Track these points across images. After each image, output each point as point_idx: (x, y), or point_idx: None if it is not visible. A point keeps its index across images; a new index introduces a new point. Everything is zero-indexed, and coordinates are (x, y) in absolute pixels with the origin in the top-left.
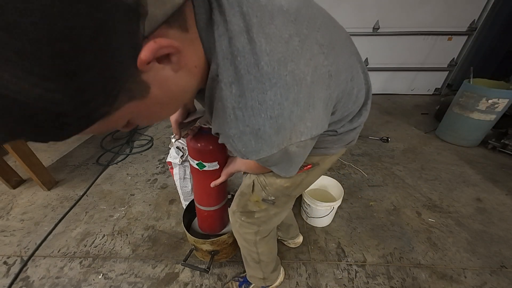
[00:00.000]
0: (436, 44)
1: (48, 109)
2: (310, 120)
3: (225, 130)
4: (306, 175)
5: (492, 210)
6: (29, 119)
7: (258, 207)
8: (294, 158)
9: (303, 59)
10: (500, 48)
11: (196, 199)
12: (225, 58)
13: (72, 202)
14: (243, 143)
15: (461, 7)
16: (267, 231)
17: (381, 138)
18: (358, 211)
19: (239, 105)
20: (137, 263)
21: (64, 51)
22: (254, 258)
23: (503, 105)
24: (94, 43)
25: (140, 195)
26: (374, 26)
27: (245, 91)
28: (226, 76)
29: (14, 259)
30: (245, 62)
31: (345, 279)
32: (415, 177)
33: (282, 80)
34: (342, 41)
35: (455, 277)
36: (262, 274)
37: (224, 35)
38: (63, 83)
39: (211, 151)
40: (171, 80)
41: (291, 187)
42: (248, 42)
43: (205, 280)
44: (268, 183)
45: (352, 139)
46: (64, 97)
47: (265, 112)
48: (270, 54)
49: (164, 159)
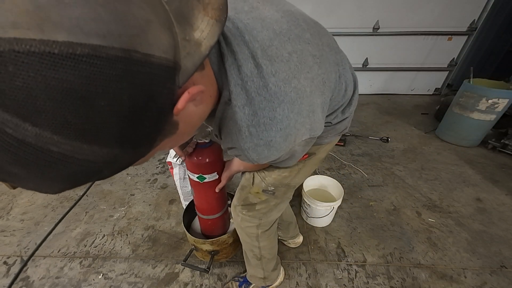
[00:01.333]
0: (436, 44)
1: (109, 166)
2: (310, 124)
3: (241, 145)
4: (303, 165)
5: (492, 210)
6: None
7: (258, 198)
8: (295, 154)
9: (303, 73)
10: (500, 48)
11: (199, 210)
12: (236, 85)
13: (72, 202)
14: (257, 153)
15: (461, 7)
16: (268, 224)
17: (381, 138)
18: (358, 211)
19: (252, 122)
20: (137, 263)
21: (128, 123)
22: (255, 254)
23: (503, 105)
24: (147, 113)
25: (140, 195)
26: (374, 26)
27: (257, 111)
28: (239, 100)
29: (14, 259)
30: (255, 85)
31: (345, 279)
32: (415, 177)
33: (288, 97)
34: (326, 43)
35: (455, 277)
36: (263, 273)
37: (234, 64)
38: (123, 147)
39: (210, 163)
40: (194, 114)
41: (290, 177)
42: (255, 67)
43: (205, 280)
44: (267, 174)
45: (345, 127)
46: (120, 156)
47: (275, 126)
48: (276, 75)
49: (164, 159)
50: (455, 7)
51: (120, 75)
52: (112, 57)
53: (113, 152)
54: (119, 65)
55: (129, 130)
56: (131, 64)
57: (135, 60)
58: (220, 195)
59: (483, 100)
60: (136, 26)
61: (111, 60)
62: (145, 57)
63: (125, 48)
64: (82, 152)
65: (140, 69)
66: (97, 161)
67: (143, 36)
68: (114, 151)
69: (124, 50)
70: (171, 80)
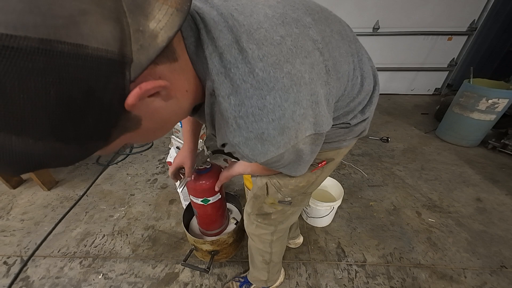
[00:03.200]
0: (436, 44)
1: (54, 158)
2: (314, 116)
3: (230, 139)
4: (321, 172)
5: (492, 210)
6: (39, 165)
7: (274, 209)
8: (303, 156)
9: (299, 58)
10: (500, 48)
11: (203, 227)
12: (219, 73)
13: (72, 202)
14: (250, 148)
15: (461, 7)
16: (284, 230)
17: (381, 138)
18: (358, 211)
19: (239, 113)
20: (137, 263)
21: (61, 118)
22: (265, 259)
23: (503, 105)
24: (89, 108)
25: (140, 195)
26: (374, 26)
27: (244, 100)
28: (222, 89)
29: (14, 259)
30: (239, 72)
31: (345, 279)
32: (415, 177)
33: (279, 83)
34: (337, 31)
35: (455, 277)
36: (267, 275)
37: (214, 52)
38: (64, 142)
39: (213, 186)
40: (162, 109)
41: (307, 186)
42: (239, 52)
43: (205, 280)
44: (283, 185)
45: (363, 129)
46: (64, 149)
47: (266, 116)
48: (263, 60)
49: (164, 159)
50: (455, 7)
51: (41, 68)
52: (26, 48)
53: (52, 146)
54: (38, 57)
55: (67, 125)
56: (56, 57)
57: (60, 52)
58: (222, 211)
59: (483, 100)
60: (63, 17)
61: (25, 51)
62: (75, 49)
63: (45, 39)
64: (14, 143)
65: (70, 62)
66: (35, 153)
67: (73, 27)
68: (53, 145)
69: (42, 40)
70: (117, 74)
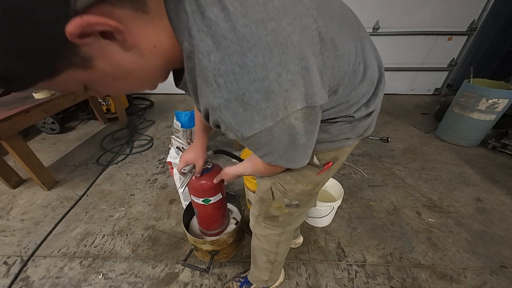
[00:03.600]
0: (436, 44)
1: None
2: (304, 85)
3: (210, 102)
4: (326, 173)
5: (492, 210)
6: None
7: (281, 212)
8: (297, 137)
9: (286, 18)
10: (500, 48)
11: (203, 227)
12: (200, 30)
13: (72, 202)
14: (231, 112)
15: (461, 7)
16: (291, 231)
17: (381, 138)
18: (358, 211)
19: (219, 72)
20: (137, 263)
21: None
22: (270, 259)
23: (503, 105)
24: (21, 24)
25: (140, 195)
26: (374, 26)
27: (224, 57)
28: (202, 46)
29: (14, 259)
30: (220, 29)
31: (345, 279)
32: (415, 177)
33: (262, 40)
34: (338, 12)
35: (455, 277)
36: (269, 275)
37: (196, 11)
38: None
39: (214, 186)
40: (121, 57)
41: (313, 188)
42: (221, 10)
43: (205, 280)
44: (288, 189)
45: (368, 126)
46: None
47: (247, 75)
48: (246, 16)
49: (164, 159)
50: (455, 7)
51: None
52: None
53: None
54: None
55: (4, 37)
56: None
57: None
58: (222, 211)
59: (483, 100)
60: None
61: None
62: None
63: None
64: None
65: None
66: None
67: None
68: None
69: None
70: None
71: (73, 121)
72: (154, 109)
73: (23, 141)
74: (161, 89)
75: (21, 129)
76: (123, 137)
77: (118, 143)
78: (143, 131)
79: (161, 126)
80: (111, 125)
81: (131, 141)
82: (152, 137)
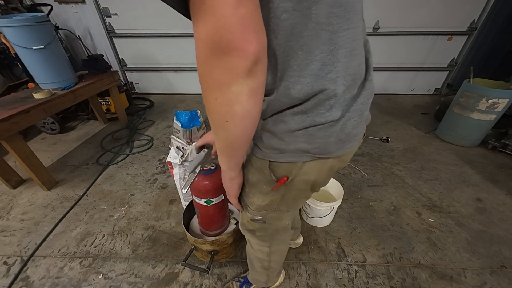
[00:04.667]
0: (436, 44)
1: None
2: None
3: None
4: (284, 191)
5: (492, 210)
6: None
7: (253, 226)
8: None
9: None
10: (500, 48)
11: (204, 227)
12: None
13: (72, 202)
14: None
15: (461, 7)
16: (281, 242)
17: (381, 138)
18: (358, 211)
19: None
20: (137, 263)
21: None
22: (264, 265)
23: (503, 105)
24: None
25: (140, 195)
26: (374, 26)
27: None
28: None
29: (14, 259)
30: None
31: (345, 279)
32: (415, 177)
33: None
34: None
35: (455, 277)
36: (267, 277)
37: None
38: None
39: (217, 188)
40: None
41: (273, 205)
42: None
43: (205, 280)
44: (248, 203)
45: (338, 140)
46: None
47: None
48: None
49: (164, 159)
50: (455, 7)
51: None
52: None
53: None
54: None
55: None
56: None
57: None
58: (223, 211)
59: (483, 100)
60: None
61: None
62: None
63: None
64: None
65: None
66: None
67: None
68: None
69: None
70: None
71: (73, 121)
72: (154, 109)
73: (23, 141)
74: (161, 89)
75: (21, 129)
76: (123, 137)
77: (118, 143)
78: (143, 131)
79: (161, 126)
80: (111, 125)
81: (131, 141)
82: (152, 137)
